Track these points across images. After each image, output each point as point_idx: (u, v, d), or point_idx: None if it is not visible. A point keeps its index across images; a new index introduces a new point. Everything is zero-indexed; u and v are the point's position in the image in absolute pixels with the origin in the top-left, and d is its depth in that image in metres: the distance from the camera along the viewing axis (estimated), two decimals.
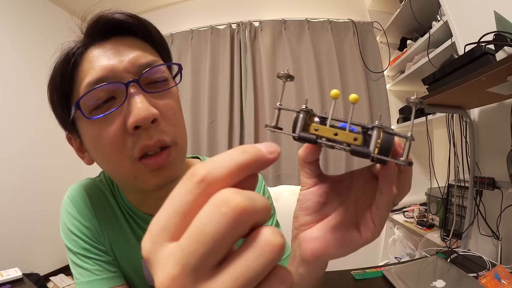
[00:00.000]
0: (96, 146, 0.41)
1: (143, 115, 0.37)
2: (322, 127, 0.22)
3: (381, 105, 1.94)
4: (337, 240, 0.27)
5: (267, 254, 0.14)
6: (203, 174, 0.15)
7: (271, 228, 0.15)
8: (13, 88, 1.82)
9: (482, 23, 0.95)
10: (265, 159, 0.17)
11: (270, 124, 0.24)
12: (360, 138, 0.22)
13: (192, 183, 0.15)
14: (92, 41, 0.42)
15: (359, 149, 0.21)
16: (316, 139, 0.22)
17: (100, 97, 0.39)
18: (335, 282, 0.92)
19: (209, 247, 0.14)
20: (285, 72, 0.23)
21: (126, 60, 0.40)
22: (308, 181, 0.30)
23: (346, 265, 1.04)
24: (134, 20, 0.43)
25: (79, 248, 0.50)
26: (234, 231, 0.14)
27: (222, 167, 0.16)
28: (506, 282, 0.77)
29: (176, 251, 0.14)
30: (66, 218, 0.52)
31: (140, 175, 0.41)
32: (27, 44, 1.90)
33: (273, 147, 0.18)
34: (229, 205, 0.14)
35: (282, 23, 2.02)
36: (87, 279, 0.48)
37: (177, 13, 2.26)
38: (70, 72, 0.40)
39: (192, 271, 0.14)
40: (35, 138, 1.91)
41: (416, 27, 1.68)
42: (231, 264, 0.14)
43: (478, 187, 1.07)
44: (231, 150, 0.17)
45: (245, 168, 0.16)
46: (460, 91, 0.86)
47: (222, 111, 2.00)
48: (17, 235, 1.76)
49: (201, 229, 0.14)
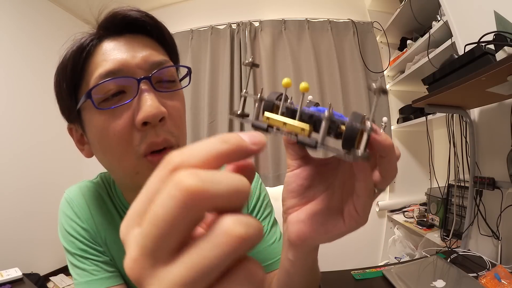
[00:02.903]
0: (102, 138, 0.41)
1: (154, 112, 0.38)
2: (272, 117, 0.22)
3: (381, 105, 1.94)
4: (321, 225, 0.27)
5: (223, 245, 0.13)
6: (177, 162, 0.15)
7: (235, 217, 0.14)
8: (13, 88, 1.81)
9: (482, 23, 0.95)
10: (246, 150, 0.17)
11: (236, 112, 0.24)
12: (307, 129, 0.21)
13: (165, 171, 0.15)
14: (106, 35, 0.42)
15: (304, 140, 0.21)
16: (267, 127, 0.22)
17: (111, 89, 0.39)
18: (335, 282, 0.92)
19: (161, 230, 0.13)
20: (250, 61, 0.25)
21: (139, 57, 0.41)
22: (292, 163, 0.29)
23: (346, 265, 1.04)
24: (150, 20, 0.44)
25: (77, 249, 0.50)
26: (185, 215, 0.13)
27: (198, 155, 0.15)
28: (506, 282, 0.77)
29: (138, 234, 0.14)
30: (64, 220, 0.52)
31: (142, 171, 0.41)
32: (27, 44, 1.89)
33: (257, 138, 0.18)
34: (179, 187, 0.13)
35: (282, 23, 2.02)
36: (85, 279, 0.49)
37: (177, 13, 2.26)
38: (83, 62, 0.41)
39: (150, 254, 0.14)
40: (35, 139, 1.91)
41: (416, 27, 1.68)
42: (186, 252, 0.14)
43: (478, 187, 1.07)
44: (212, 138, 0.16)
45: (223, 157, 0.16)
46: (460, 91, 0.86)
47: (222, 111, 2.00)
48: (17, 235, 1.76)
49: (155, 212, 0.14)
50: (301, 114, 0.23)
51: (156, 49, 0.44)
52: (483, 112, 1.13)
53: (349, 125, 0.20)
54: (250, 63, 0.25)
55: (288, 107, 0.24)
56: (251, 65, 0.25)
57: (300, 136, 0.21)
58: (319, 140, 0.21)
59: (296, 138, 0.21)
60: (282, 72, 1.97)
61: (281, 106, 0.23)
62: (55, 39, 2.04)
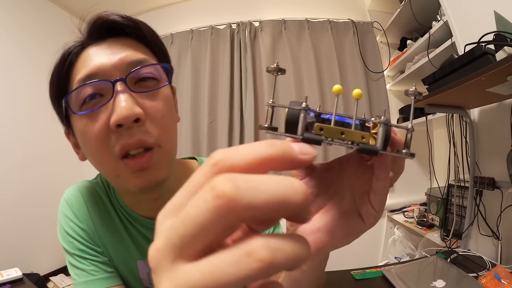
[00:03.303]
0: (83, 141, 0.42)
1: (125, 114, 0.37)
2: (327, 127, 0.21)
3: (381, 105, 1.94)
4: (342, 229, 0.26)
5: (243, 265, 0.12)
6: (218, 158, 0.15)
7: (265, 239, 0.13)
8: (13, 88, 1.82)
9: (482, 23, 0.95)
10: (293, 158, 0.16)
11: (264, 125, 0.23)
12: (368, 136, 0.21)
13: (207, 165, 0.15)
14: (90, 41, 0.43)
15: (368, 147, 0.21)
16: (321, 139, 0.21)
17: (88, 93, 0.40)
18: (335, 282, 0.92)
19: (189, 230, 0.13)
20: (275, 66, 0.22)
21: (116, 58, 0.41)
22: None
23: (346, 265, 1.04)
24: (127, 21, 0.43)
25: (75, 249, 0.50)
26: (215, 222, 0.13)
27: (240, 155, 0.15)
28: (506, 282, 0.77)
29: (169, 225, 0.14)
30: (63, 220, 0.52)
31: (122, 175, 0.41)
32: (28, 44, 1.90)
33: (308, 149, 0.17)
34: (213, 192, 0.13)
35: (282, 23, 2.02)
36: (83, 280, 0.49)
37: (177, 13, 2.26)
38: (66, 70, 0.42)
39: (173, 248, 0.14)
40: (36, 140, 1.91)
41: (416, 27, 1.68)
42: (208, 259, 0.13)
43: (478, 187, 1.07)
44: (259, 141, 0.16)
45: (267, 162, 0.15)
46: (460, 91, 0.86)
47: (222, 111, 2.00)
48: (17, 235, 1.76)
49: (187, 210, 0.14)
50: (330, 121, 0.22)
51: (137, 49, 0.43)
52: (483, 112, 1.13)
53: (386, 128, 0.21)
54: (276, 69, 0.22)
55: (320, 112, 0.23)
56: (277, 71, 0.22)
57: (361, 144, 0.21)
58: (378, 145, 0.21)
59: (357, 147, 0.21)
60: None
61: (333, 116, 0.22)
62: (57, 39, 2.04)
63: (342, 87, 0.21)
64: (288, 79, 1.94)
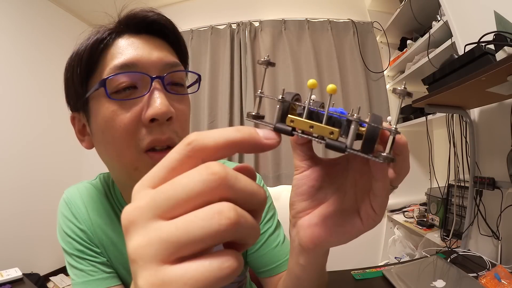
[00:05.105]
0: (107, 128, 0.41)
1: (163, 110, 0.39)
2: (297, 119, 0.22)
3: (381, 105, 1.94)
4: (338, 227, 0.26)
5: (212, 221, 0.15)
6: (192, 138, 0.17)
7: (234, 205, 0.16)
8: (13, 88, 1.81)
9: (482, 23, 0.95)
10: (258, 142, 0.19)
11: (252, 113, 0.23)
12: (336, 132, 0.21)
13: (182, 145, 0.17)
14: (125, 31, 0.43)
15: (334, 144, 0.20)
16: (291, 131, 0.22)
17: (123, 82, 0.40)
18: (335, 282, 0.92)
19: (177, 193, 0.16)
20: (265, 59, 0.24)
21: (155, 56, 0.42)
22: (301, 164, 0.28)
23: (346, 265, 1.04)
24: (169, 24, 0.46)
25: (74, 249, 0.51)
26: (202, 191, 0.15)
27: (212, 137, 0.17)
28: (506, 282, 0.77)
29: (151, 191, 0.17)
30: (62, 220, 0.53)
31: (141, 167, 0.41)
32: (27, 44, 1.89)
33: (271, 135, 0.20)
34: (208, 169, 0.16)
35: (282, 23, 2.02)
36: (82, 280, 0.49)
37: (177, 13, 2.26)
38: (100, 52, 0.42)
39: (154, 208, 0.16)
40: (35, 138, 1.91)
41: (416, 27, 1.68)
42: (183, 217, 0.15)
43: (478, 187, 1.07)
44: (228, 127, 0.18)
45: (234, 144, 0.18)
46: (460, 91, 0.86)
47: (222, 111, 2.00)
48: (17, 235, 1.76)
49: (179, 178, 0.16)
50: (318, 116, 0.22)
51: (170, 52, 0.46)
52: (483, 112, 1.13)
53: (370, 127, 0.20)
54: (266, 62, 0.23)
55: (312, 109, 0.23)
56: (267, 63, 0.24)
57: (328, 139, 0.21)
58: (347, 143, 0.20)
59: (325, 142, 0.21)
60: (282, 72, 1.97)
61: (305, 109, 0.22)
62: (56, 40, 2.05)
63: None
64: (288, 79, 1.94)
